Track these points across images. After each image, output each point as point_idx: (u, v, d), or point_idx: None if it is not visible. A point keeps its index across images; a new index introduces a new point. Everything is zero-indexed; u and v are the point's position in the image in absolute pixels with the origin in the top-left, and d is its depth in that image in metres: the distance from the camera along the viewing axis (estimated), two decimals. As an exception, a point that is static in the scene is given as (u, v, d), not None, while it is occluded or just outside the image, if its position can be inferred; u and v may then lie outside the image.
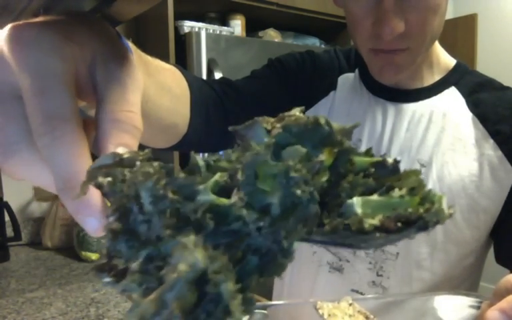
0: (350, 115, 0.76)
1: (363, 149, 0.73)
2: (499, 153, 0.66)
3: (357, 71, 0.79)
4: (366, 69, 0.74)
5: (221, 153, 0.23)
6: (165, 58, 1.96)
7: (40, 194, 1.96)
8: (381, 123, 0.74)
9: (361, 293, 0.72)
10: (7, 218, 1.79)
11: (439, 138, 0.70)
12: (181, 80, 0.68)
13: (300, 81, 0.80)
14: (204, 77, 1.74)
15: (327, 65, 0.81)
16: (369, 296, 0.70)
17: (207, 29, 1.85)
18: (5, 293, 1.34)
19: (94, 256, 1.77)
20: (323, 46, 2.32)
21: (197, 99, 0.67)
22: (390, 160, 0.23)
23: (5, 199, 1.82)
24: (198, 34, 1.74)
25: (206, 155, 0.25)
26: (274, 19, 2.13)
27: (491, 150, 0.67)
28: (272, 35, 2.07)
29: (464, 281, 0.72)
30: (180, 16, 1.85)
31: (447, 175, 0.67)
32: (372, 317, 0.50)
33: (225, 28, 1.94)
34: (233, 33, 1.96)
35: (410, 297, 0.64)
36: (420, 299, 0.65)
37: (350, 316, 0.49)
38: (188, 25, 1.82)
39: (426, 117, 0.71)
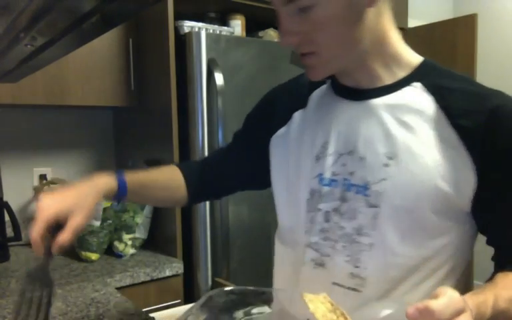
0: (319, 121, 0.82)
1: (330, 149, 0.75)
2: (461, 145, 0.70)
3: (329, 81, 0.85)
4: (335, 78, 0.82)
5: None
6: (165, 58, 1.96)
7: (40, 194, 1.96)
8: (346, 121, 0.78)
9: (342, 286, 0.76)
10: (6, 218, 1.79)
11: (404, 131, 0.73)
12: (175, 175, 1.00)
13: (268, 115, 0.93)
14: (204, 76, 1.74)
15: (293, 90, 0.91)
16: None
17: (206, 29, 1.85)
18: (5, 293, 1.33)
19: (94, 256, 1.77)
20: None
21: (192, 180, 1.01)
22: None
23: (5, 198, 1.82)
24: (198, 34, 1.74)
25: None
26: (274, 19, 2.12)
27: (454, 142, 0.70)
28: (272, 34, 2.07)
29: (443, 263, 0.75)
30: (180, 16, 1.84)
31: (414, 166, 0.71)
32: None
33: (225, 28, 1.94)
34: (232, 33, 1.96)
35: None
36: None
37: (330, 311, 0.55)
38: (188, 25, 1.82)
39: (389, 111, 0.75)
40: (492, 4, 3.55)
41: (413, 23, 2.83)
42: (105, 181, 0.86)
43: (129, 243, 1.83)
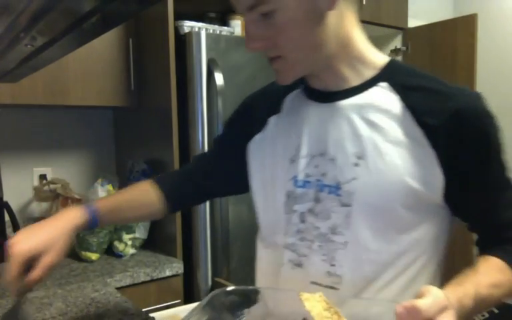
0: (291, 125, 0.84)
1: (303, 151, 0.78)
2: (427, 143, 0.72)
3: (302, 85, 0.87)
4: (307, 82, 0.84)
5: None
6: (165, 58, 1.96)
7: (40, 194, 1.96)
8: (317, 124, 0.81)
9: (320, 284, 0.77)
10: (6, 218, 1.79)
11: (372, 131, 0.75)
12: (148, 190, 1.02)
13: (245, 121, 0.95)
14: (204, 76, 1.74)
15: (268, 96, 0.93)
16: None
17: (206, 29, 1.85)
18: (4, 293, 1.33)
19: (94, 256, 1.77)
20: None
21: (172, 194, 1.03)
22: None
23: (5, 198, 1.82)
24: (198, 34, 1.74)
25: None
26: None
27: (421, 140, 0.72)
28: (272, 34, 2.07)
29: (417, 257, 0.77)
30: (180, 16, 1.84)
31: (383, 164, 0.73)
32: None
33: (225, 28, 1.94)
34: (232, 33, 1.96)
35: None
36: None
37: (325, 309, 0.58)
38: (188, 25, 1.82)
39: (356, 112, 0.77)
40: (492, 4, 3.55)
41: (412, 22, 2.83)
42: (76, 216, 0.89)
43: (129, 242, 1.83)
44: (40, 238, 0.82)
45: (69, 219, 0.88)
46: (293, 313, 0.63)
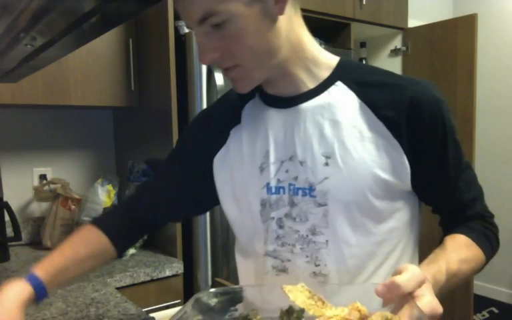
0: (255, 133, 0.84)
1: (272, 158, 0.79)
2: (389, 133, 0.75)
3: (257, 94, 0.87)
4: (262, 90, 0.85)
5: None
6: (165, 58, 1.96)
7: (40, 194, 1.96)
8: (281, 129, 0.81)
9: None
10: (7, 218, 1.79)
11: (336, 129, 0.77)
12: (93, 237, 0.95)
13: (205, 137, 0.93)
14: (204, 76, 1.74)
15: (224, 109, 0.92)
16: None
17: (206, 29, 1.85)
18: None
19: (94, 256, 1.77)
20: (322, 45, 2.32)
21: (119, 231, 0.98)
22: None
23: (5, 199, 1.82)
24: (198, 34, 1.74)
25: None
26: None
27: (383, 132, 0.75)
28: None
29: (396, 244, 0.81)
30: (180, 16, 1.84)
31: (351, 160, 0.75)
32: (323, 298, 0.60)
33: (225, 28, 1.94)
34: (232, 32, 1.96)
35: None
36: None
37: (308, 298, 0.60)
38: (188, 25, 1.82)
39: (318, 113, 0.78)
40: (492, 4, 3.55)
41: (412, 23, 2.83)
42: (21, 291, 0.81)
43: (129, 242, 1.83)
44: None
45: (15, 295, 0.80)
46: (279, 307, 0.64)
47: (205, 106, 1.75)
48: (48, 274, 0.86)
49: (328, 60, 0.81)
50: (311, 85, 0.80)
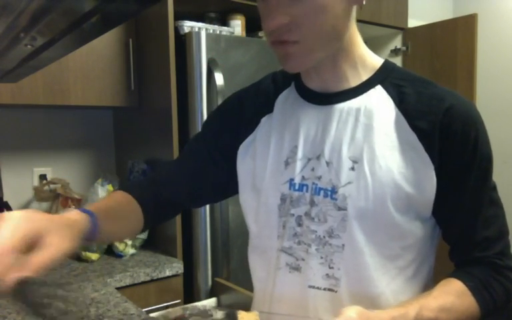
0: (285, 126, 0.83)
1: (299, 154, 0.77)
2: (421, 146, 0.73)
3: (292, 83, 0.86)
4: (300, 81, 0.83)
5: None
6: (165, 58, 1.95)
7: (40, 194, 1.96)
8: (313, 126, 0.80)
9: (317, 288, 0.77)
10: (6, 218, 1.79)
11: (368, 134, 0.75)
12: (130, 201, 0.89)
13: (233, 122, 0.91)
14: (204, 76, 1.74)
15: (258, 95, 0.90)
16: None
17: (206, 29, 1.85)
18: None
19: (94, 256, 1.77)
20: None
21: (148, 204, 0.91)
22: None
23: (5, 198, 1.82)
24: (198, 34, 1.74)
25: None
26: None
27: (414, 144, 0.73)
28: (272, 34, 2.07)
29: (410, 263, 0.78)
30: (180, 16, 1.84)
31: (378, 168, 0.73)
32: None
33: (225, 28, 1.94)
34: (233, 33, 1.96)
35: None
36: None
37: None
38: (188, 25, 1.82)
39: (353, 115, 0.77)
40: (492, 4, 3.55)
41: (412, 23, 2.83)
42: (79, 220, 0.71)
43: (129, 242, 1.83)
44: (46, 217, 0.64)
45: (76, 222, 0.70)
46: None
47: (205, 106, 1.75)
48: (99, 211, 0.76)
49: (374, 61, 0.80)
50: (352, 83, 0.79)
